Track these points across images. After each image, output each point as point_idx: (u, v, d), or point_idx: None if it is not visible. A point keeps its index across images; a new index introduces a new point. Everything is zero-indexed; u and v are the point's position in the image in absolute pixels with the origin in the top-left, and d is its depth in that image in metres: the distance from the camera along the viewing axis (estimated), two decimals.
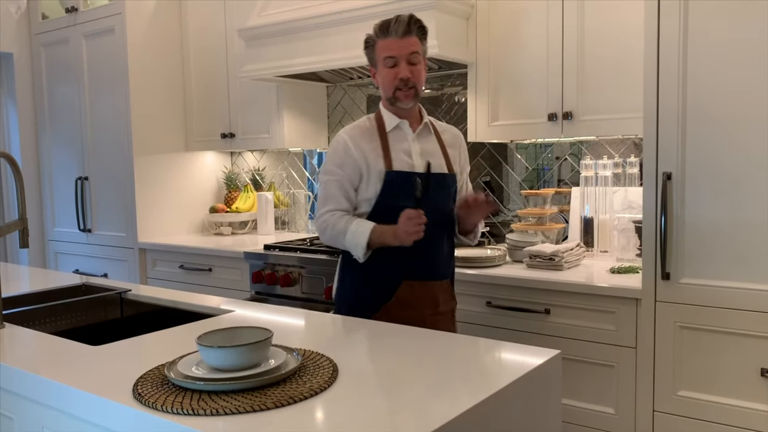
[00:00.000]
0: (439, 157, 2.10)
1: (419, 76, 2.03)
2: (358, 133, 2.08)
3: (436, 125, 2.17)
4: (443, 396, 1.19)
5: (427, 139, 2.12)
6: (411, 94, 2.02)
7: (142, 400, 1.16)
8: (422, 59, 2.05)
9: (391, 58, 2.00)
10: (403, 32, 1.98)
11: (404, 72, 1.99)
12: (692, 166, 2.04)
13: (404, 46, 1.99)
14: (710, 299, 2.03)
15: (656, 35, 2.07)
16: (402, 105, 2.04)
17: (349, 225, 2.00)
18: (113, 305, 2.21)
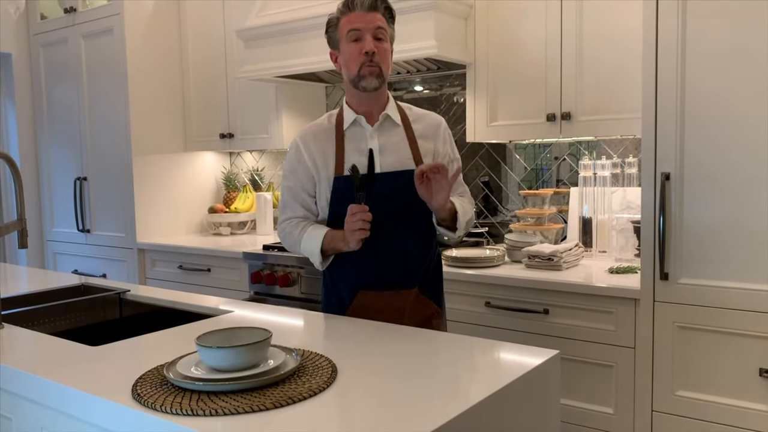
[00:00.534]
0: (402, 151, 1.90)
1: (385, 55, 1.85)
2: (311, 135, 1.94)
3: (408, 114, 1.96)
4: (442, 396, 1.20)
5: (390, 132, 1.91)
6: (375, 72, 1.83)
7: (141, 400, 1.16)
8: (388, 40, 1.87)
9: (355, 31, 1.82)
10: (369, 6, 1.83)
11: (369, 45, 1.81)
12: (691, 167, 2.05)
13: (370, 19, 1.83)
14: (708, 299, 2.03)
15: (654, 36, 2.07)
16: (366, 85, 1.84)
17: (304, 232, 1.90)
18: (112, 305, 2.21)
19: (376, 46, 1.81)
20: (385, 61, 1.85)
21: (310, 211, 1.95)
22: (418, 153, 1.91)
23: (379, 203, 1.81)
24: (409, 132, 1.93)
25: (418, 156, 1.91)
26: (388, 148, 1.89)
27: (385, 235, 1.82)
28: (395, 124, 1.93)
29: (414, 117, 1.97)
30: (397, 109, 1.95)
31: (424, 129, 1.95)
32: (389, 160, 1.88)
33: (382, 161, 1.87)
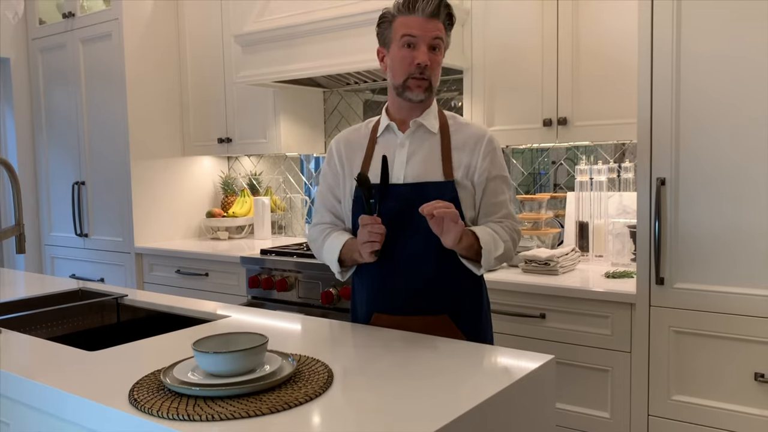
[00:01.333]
0: (431, 162, 1.76)
1: (437, 69, 1.75)
2: (345, 140, 1.87)
3: (451, 124, 1.82)
4: (437, 401, 1.20)
5: (422, 141, 1.78)
6: (424, 86, 1.72)
7: (138, 405, 1.17)
8: (443, 50, 1.76)
9: (411, 37, 1.70)
10: (431, 12, 1.70)
11: (423, 56, 1.69)
12: (686, 172, 2.06)
13: (429, 27, 1.70)
14: (704, 304, 2.04)
15: (650, 41, 2.09)
16: (412, 97, 1.74)
17: (326, 240, 1.82)
18: (110, 310, 2.21)
19: (430, 58, 1.70)
20: (436, 74, 1.75)
21: (338, 217, 1.88)
22: (449, 165, 1.75)
23: (396, 216, 1.71)
24: (446, 142, 1.77)
25: (449, 169, 1.75)
26: (416, 157, 1.76)
27: (400, 253, 1.71)
28: (430, 132, 1.79)
29: (455, 127, 1.81)
30: (437, 117, 1.81)
31: (462, 140, 1.78)
32: (415, 170, 1.75)
33: (408, 171, 1.75)
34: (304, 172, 4.00)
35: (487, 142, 1.78)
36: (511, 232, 1.78)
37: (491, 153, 1.78)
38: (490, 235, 1.71)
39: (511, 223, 1.79)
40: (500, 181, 1.79)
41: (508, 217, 1.79)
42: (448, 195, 1.71)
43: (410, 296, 1.74)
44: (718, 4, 1.97)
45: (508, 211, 1.81)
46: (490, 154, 1.78)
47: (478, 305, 1.83)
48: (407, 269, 1.73)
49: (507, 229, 1.77)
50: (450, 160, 1.76)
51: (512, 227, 1.79)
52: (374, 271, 1.76)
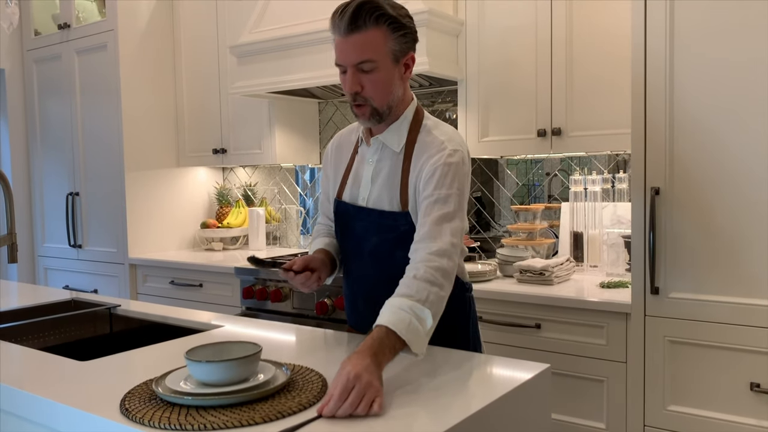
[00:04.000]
0: (390, 185, 1.61)
1: (375, 88, 1.53)
2: (336, 145, 1.81)
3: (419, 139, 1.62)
4: (432, 411, 1.19)
5: (385, 159, 1.64)
6: (366, 112, 1.56)
7: (129, 415, 1.16)
8: (385, 65, 1.52)
9: (339, 65, 1.55)
10: (346, 28, 1.48)
11: (348, 84, 1.53)
12: (680, 181, 2.06)
13: (350, 49, 1.50)
14: (699, 313, 2.04)
15: (643, 51, 2.10)
16: (361, 123, 1.64)
17: (312, 243, 1.82)
18: (103, 321, 2.20)
19: (361, 81, 1.52)
20: (380, 93, 1.54)
21: (330, 219, 1.83)
22: (405, 194, 1.59)
23: (359, 242, 1.68)
24: (407, 164, 1.60)
25: (405, 198, 1.59)
26: (379, 179, 1.64)
27: (361, 278, 1.69)
28: (395, 152, 1.63)
29: (420, 143, 1.61)
30: (406, 132, 1.63)
31: (416, 160, 1.59)
32: (376, 193, 1.64)
33: (371, 193, 1.65)
34: (299, 183, 4.00)
35: (433, 162, 1.54)
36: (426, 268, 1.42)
37: (431, 173, 1.54)
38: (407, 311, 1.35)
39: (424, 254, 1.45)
40: (429, 202, 1.52)
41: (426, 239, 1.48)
42: (402, 227, 1.59)
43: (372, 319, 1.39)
44: (711, 15, 1.98)
45: (429, 230, 1.48)
46: (430, 174, 1.54)
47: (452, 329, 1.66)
48: (367, 294, 1.69)
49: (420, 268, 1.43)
50: (407, 186, 1.59)
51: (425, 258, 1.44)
52: (344, 287, 1.78)
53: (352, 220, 1.70)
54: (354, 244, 1.71)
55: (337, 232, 1.77)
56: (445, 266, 1.44)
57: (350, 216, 1.70)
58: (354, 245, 1.71)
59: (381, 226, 1.61)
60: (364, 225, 1.66)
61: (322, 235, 1.85)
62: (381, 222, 1.62)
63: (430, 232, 1.48)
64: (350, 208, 1.70)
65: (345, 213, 1.71)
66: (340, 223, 1.74)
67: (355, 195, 1.69)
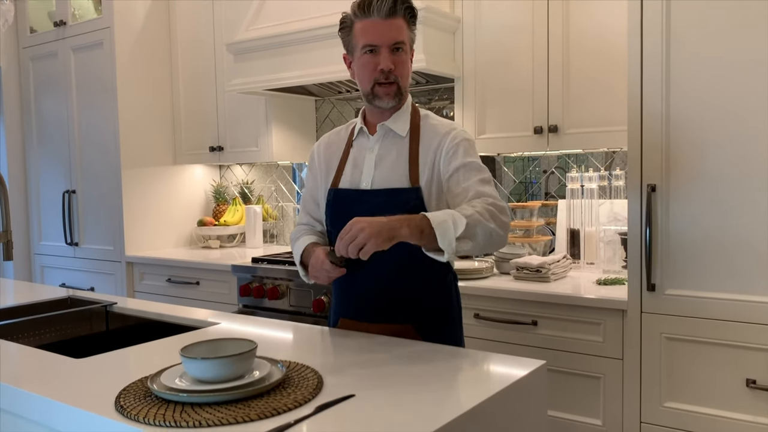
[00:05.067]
0: (398, 167, 1.71)
1: (403, 69, 1.68)
2: (325, 143, 1.88)
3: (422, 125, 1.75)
4: (427, 407, 1.19)
5: (391, 145, 1.74)
6: (392, 91, 1.68)
7: (124, 412, 1.15)
8: (409, 49, 1.70)
9: (372, 44, 1.65)
10: (387, 12, 1.63)
11: (385, 62, 1.64)
12: (677, 178, 2.06)
13: (387, 30, 1.63)
14: (696, 310, 2.04)
15: (639, 48, 2.10)
16: (382, 105, 1.71)
17: (295, 243, 1.82)
18: (99, 318, 2.19)
19: (393, 60, 1.65)
20: (404, 75, 1.69)
21: (316, 219, 1.88)
22: (416, 170, 1.69)
23: None
24: (414, 146, 1.72)
25: (415, 174, 1.69)
26: (384, 162, 1.73)
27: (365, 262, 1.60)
28: (399, 136, 1.74)
29: (425, 128, 1.74)
30: (408, 119, 1.75)
31: (428, 141, 1.72)
32: (382, 175, 1.72)
33: (376, 176, 1.72)
34: (296, 181, 4.00)
35: (451, 138, 1.69)
36: (483, 205, 1.55)
37: (454, 147, 1.67)
38: (447, 213, 1.50)
39: (483, 200, 1.58)
40: (465, 169, 1.65)
41: (479, 196, 1.61)
42: (412, 202, 1.66)
43: (374, 304, 1.70)
44: (707, 14, 1.98)
45: (477, 191, 1.62)
46: (453, 149, 1.67)
47: (445, 316, 1.77)
48: (372, 277, 1.70)
49: (477, 204, 1.56)
50: (417, 164, 1.70)
51: (484, 202, 1.57)
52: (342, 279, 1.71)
53: (353, 204, 1.71)
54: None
55: (334, 220, 1.75)
56: (499, 213, 1.56)
57: (352, 201, 1.72)
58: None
59: (389, 205, 1.63)
60: (368, 207, 1.65)
61: (306, 234, 1.85)
62: (389, 200, 1.67)
63: (481, 192, 1.61)
64: (351, 193, 1.74)
65: (345, 199, 1.74)
66: (338, 211, 1.74)
67: (356, 181, 1.75)
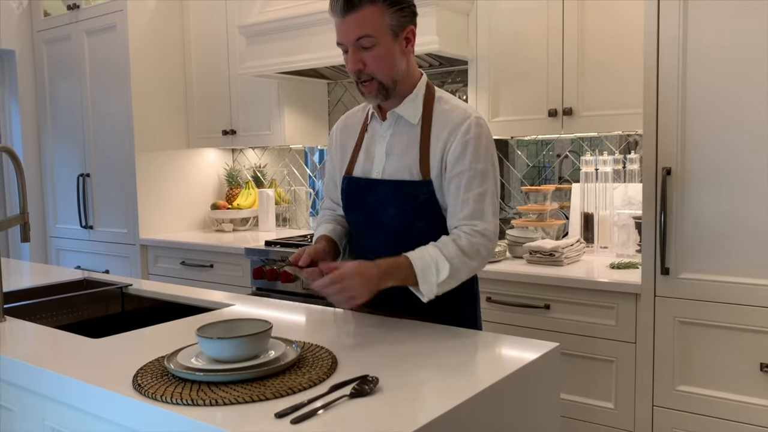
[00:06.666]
0: (409, 156, 1.64)
1: (378, 63, 1.56)
2: (342, 125, 1.83)
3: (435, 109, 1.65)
4: (441, 387, 1.20)
5: (402, 132, 1.67)
6: (373, 89, 1.59)
7: (141, 390, 1.17)
8: (383, 38, 1.55)
9: (340, 45, 1.59)
10: (342, 10, 1.53)
11: (350, 63, 1.57)
12: (692, 162, 2.04)
13: (347, 28, 1.55)
14: (710, 294, 2.03)
15: (656, 30, 2.07)
16: (368, 101, 1.66)
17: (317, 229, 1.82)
18: (114, 300, 2.22)
19: (363, 58, 1.56)
20: (383, 67, 1.57)
21: (335, 202, 1.85)
22: (426, 163, 1.62)
23: (372, 216, 1.68)
24: (425, 135, 1.63)
25: (426, 166, 1.61)
26: (396, 151, 1.66)
27: (373, 250, 1.61)
28: (409, 123, 1.66)
29: (438, 113, 1.64)
30: (421, 103, 1.66)
31: (439, 131, 1.62)
32: (393, 165, 1.66)
33: (387, 165, 1.67)
34: (308, 165, 4.00)
35: (463, 132, 1.59)
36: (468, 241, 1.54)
37: (464, 145, 1.58)
38: (431, 259, 1.51)
39: (470, 230, 1.56)
40: (469, 177, 1.58)
41: (472, 217, 1.57)
42: (422, 195, 1.62)
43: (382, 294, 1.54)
44: None
45: (473, 208, 1.57)
46: (462, 147, 1.58)
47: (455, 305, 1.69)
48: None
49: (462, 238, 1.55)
50: (428, 155, 1.62)
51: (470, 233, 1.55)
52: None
53: (365, 194, 1.70)
54: (366, 219, 1.71)
55: (347, 209, 1.77)
56: (485, 245, 1.57)
57: (363, 190, 1.70)
58: (366, 219, 1.71)
59: (399, 197, 1.63)
60: (380, 198, 1.67)
61: (327, 221, 1.85)
62: (400, 192, 1.63)
63: (474, 212, 1.58)
64: (363, 182, 1.71)
65: (357, 188, 1.72)
66: (351, 200, 1.74)
67: (368, 170, 1.71)
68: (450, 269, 1.52)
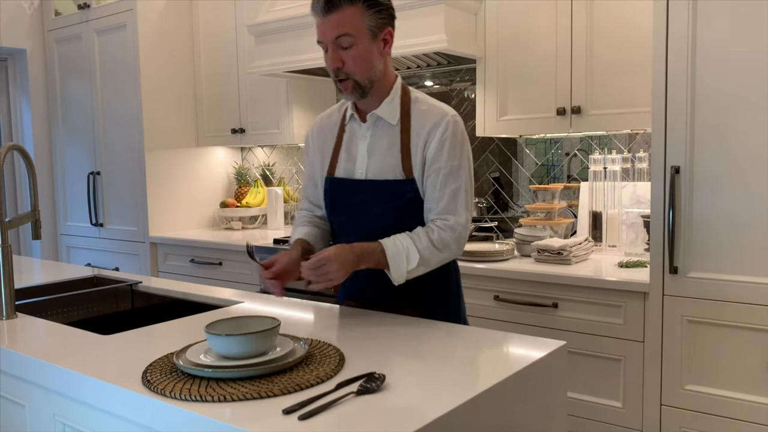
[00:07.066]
0: (391, 156, 1.68)
1: (356, 63, 1.60)
2: (319, 127, 1.85)
3: (413, 110, 1.70)
4: (448, 385, 1.20)
5: (382, 133, 1.70)
6: (349, 87, 1.63)
7: (151, 386, 1.18)
8: (362, 38, 1.59)
9: (320, 42, 1.64)
10: (323, 9, 1.58)
11: (330, 62, 1.62)
12: (701, 160, 2.04)
13: (327, 27, 1.59)
14: (718, 293, 2.02)
15: (665, 28, 2.07)
16: (346, 98, 1.71)
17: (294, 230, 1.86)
18: (124, 297, 2.23)
19: (342, 57, 1.60)
20: (360, 67, 1.61)
21: (314, 204, 1.89)
22: (408, 161, 1.67)
23: (357, 215, 1.72)
24: (405, 135, 1.68)
25: (408, 165, 1.67)
26: (377, 151, 1.70)
27: None
28: (389, 124, 1.70)
29: (416, 114, 1.70)
30: (398, 105, 1.71)
31: (418, 130, 1.68)
32: (376, 165, 1.70)
33: (369, 166, 1.70)
34: None
35: (441, 132, 1.65)
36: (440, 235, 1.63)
37: (441, 144, 1.65)
38: (403, 247, 1.61)
39: (442, 224, 1.64)
40: (448, 172, 1.65)
41: (446, 211, 1.65)
42: (407, 194, 1.67)
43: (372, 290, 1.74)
44: None
45: (447, 204, 1.65)
46: (440, 146, 1.65)
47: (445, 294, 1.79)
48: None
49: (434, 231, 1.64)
50: (409, 154, 1.67)
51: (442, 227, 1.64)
52: None
53: (350, 194, 1.73)
54: (351, 218, 1.74)
55: (331, 209, 1.78)
56: (455, 239, 1.66)
57: (348, 191, 1.73)
58: (351, 219, 1.74)
59: (385, 196, 1.68)
60: (364, 197, 1.71)
61: (304, 224, 1.87)
62: (385, 191, 1.68)
63: (448, 207, 1.66)
64: (347, 183, 1.73)
65: (341, 188, 1.74)
66: (335, 200, 1.76)
67: (351, 170, 1.74)
68: (420, 259, 1.62)
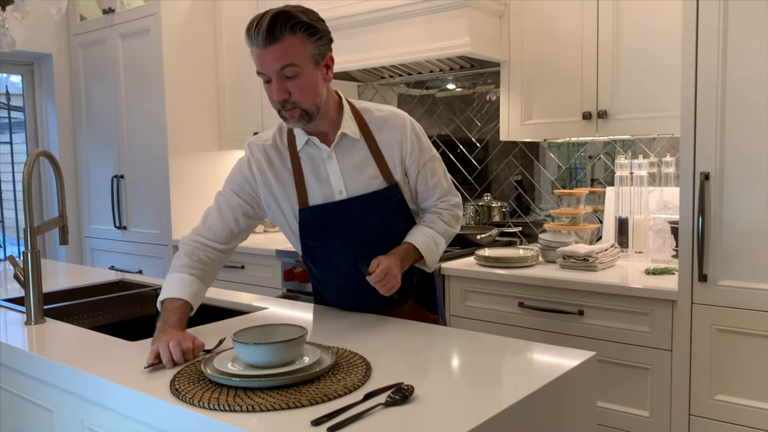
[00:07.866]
0: (368, 170, 1.71)
1: (302, 92, 1.58)
2: (265, 158, 1.75)
3: (368, 121, 1.74)
4: (476, 397, 1.19)
5: (350, 151, 1.71)
6: (296, 115, 1.61)
7: (179, 395, 1.18)
8: (306, 66, 1.57)
9: (262, 74, 1.59)
10: (263, 42, 1.54)
11: (275, 93, 1.58)
12: (731, 166, 2.00)
13: (269, 59, 1.55)
14: (749, 302, 1.98)
15: (695, 32, 2.03)
16: (292, 126, 1.68)
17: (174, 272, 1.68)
18: (149, 301, 2.24)
19: (288, 87, 1.57)
20: (307, 96, 1.60)
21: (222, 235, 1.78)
22: (386, 169, 1.73)
23: (349, 233, 1.72)
24: (372, 145, 1.72)
25: (387, 172, 1.73)
26: (351, 170, 1.71)
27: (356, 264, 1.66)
28: (353, 139, 1.71)
29: (375, 124, 1.74)
30: (353, 119, 1.72)
31: (387, 138, 1.73)
32: (356, 182, 1.71)
33: (348, 184, 1.71)
34: None
35: (411, 131, 1.76)
36: (449, 215, 1.85)
37: (415, 142, 1.76)
38: (429, 237, 1.78)
39: (447, 205, 1.85)
40: (431, 163, 1.81)
41: (445, 194, 1.85)
42: (395, 199, 1.74)
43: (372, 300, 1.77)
44: None
45: (444, 188, 1.85)
46: (414, 144, 1.76)
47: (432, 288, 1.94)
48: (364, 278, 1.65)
49: (444, 213, 1.84)
50: (384, 162, 1.73)
51: (449, 208, 1.85)
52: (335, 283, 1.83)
53: (334, 217, 1.71)
54: (343, 239, 1.72)
55: (316, 236, 1.74)
56: (459, 215, 1.89)
57: (333, 213, 1.71)
58: (343, 239, 1.72)
59: (377, 206, 1.73)
60: (356, 214, 1.72)
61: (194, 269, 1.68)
62: (377, 201, 1.73)
63: (445, 191, 1.85)
64: (331, 206, 1.71)
65: (325, 213, 1.71)
66: (320, 227, 1.72)
67: (328, 193, 1.72)
68: (445, 241, 1.83)
